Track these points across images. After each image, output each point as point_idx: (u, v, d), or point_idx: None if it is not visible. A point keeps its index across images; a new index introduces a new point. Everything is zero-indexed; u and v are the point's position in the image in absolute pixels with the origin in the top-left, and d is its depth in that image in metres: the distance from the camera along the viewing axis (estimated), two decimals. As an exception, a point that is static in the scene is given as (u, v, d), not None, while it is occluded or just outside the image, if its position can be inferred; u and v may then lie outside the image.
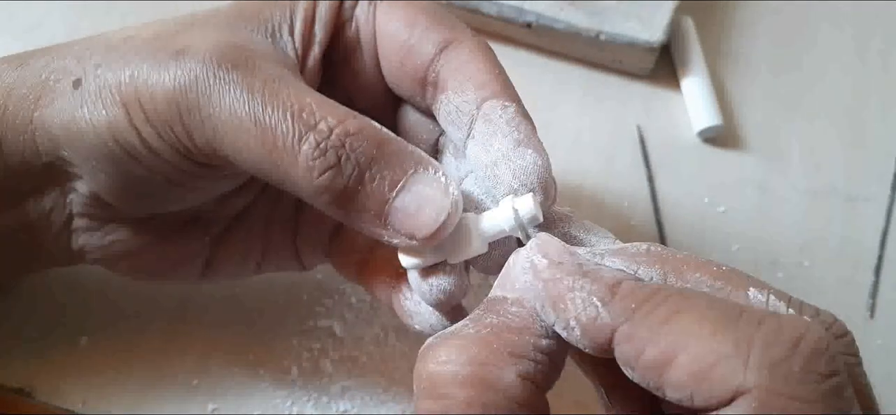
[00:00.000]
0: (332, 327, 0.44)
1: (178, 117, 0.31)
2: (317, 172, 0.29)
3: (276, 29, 0.34)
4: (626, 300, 0.25)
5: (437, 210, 0.29)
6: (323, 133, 0.29)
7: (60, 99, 0.33)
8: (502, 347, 0.25)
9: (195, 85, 0.30)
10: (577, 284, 0.25)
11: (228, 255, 0.39)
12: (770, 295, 0.26)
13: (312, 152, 0.29)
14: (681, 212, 0.49)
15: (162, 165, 0.33)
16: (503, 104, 0.31)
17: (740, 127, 0.52)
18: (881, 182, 0.51)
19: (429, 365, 0.26)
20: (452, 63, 0.33)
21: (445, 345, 0.26)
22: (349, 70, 0.36)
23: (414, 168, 0.30)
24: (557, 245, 0.27)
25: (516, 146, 0.30)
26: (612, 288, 0.25)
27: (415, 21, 0.34)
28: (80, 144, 0.32)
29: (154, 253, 0.37)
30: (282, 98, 0.30)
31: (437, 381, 0.25)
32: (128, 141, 0.32)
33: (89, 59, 0.33)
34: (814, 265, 0.48)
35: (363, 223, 0.30)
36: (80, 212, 0.35)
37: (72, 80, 0.33)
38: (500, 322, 0.26)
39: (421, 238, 0.30)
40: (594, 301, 0.25)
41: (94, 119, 0.32)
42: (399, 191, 0.30)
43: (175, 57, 0.31)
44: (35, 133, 0.33)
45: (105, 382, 0.42)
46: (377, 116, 0.38)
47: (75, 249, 0.37)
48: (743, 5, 0.56)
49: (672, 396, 0.24)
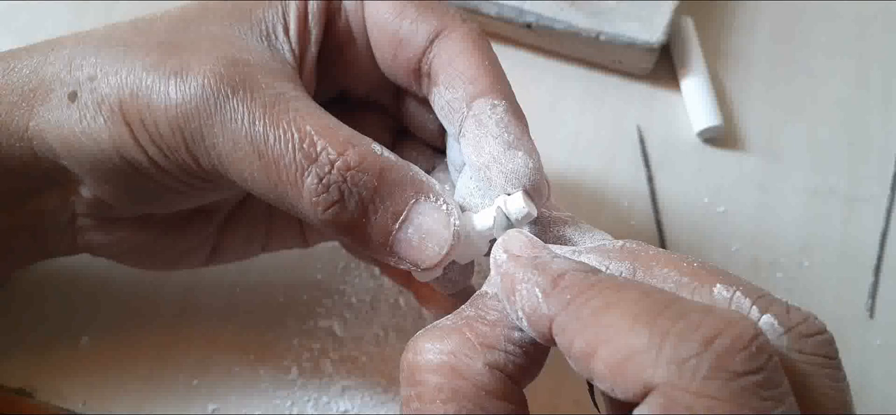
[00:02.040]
0: (332, 327, 0.44)
1: (183, 143, 0.31)
2: (321, 208, 0.30)
3: (271, 31, 0.33)
4: (564, 292, 0.25)
5: (439, 244, 0.30)
6: (324, 167, 0.29)
7: (56, 112, 0.32)
8: (474, 337, 0.27)
9: (197, 113, 0.30)
10: (526, 275, 0.26)
11: (233, 239, 0.39)
12: (737, 292, 0.25)
13: (316, 187, 0.29)
14: (681, 212, 0.49)
15: (169, 179, 0.33)
16: (492, 103, 0.31)
17: (740, 127, 0.52)
18: (881, 182, 0.51)
19: (408, 354, 0.27)
20: (443, 55, 0.33)
21: (425, 337, 0.27)
22: (344, 62, 0.36)
23: (415, 197, 0.30)
24: (521, 240, 0.28)
25: (507, 149, 0.30)
26: (555, 280, 0.25)
27: (403, 11, 0.33)
28: (82, 157, 0.32)
29: (159, 245, 0.38)
30: (283, 126, 0.30)
31: (415, 369, 0.26)
32: (135, 158, 0.32)
33: (81, 69, 0.32)
34: (814, 265, 0.48)
35: (371, 251, 0.31)
36: (83, 212, 0.35)
37: (66, 92, 0.32)
38: (475, 314, 0.28)
39: (424, 268, 0.30)
40: (536, 292, 0.25)
41: (96, 135, 0.32)
42: (401, 222, 0.30)
43: (175, 75, 0.31)
44: (32, 142, 0.33)
45: (105, 382, 0.42)
46: (376, 101, 0.38)
47: (80, 243, 0.37)
48: (743, 5, 0.56)
49: (600, 387, 0.24)
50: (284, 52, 0.33)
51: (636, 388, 0.22)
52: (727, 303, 0.25)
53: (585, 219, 0.32)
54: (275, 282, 0.45)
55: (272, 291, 0.45)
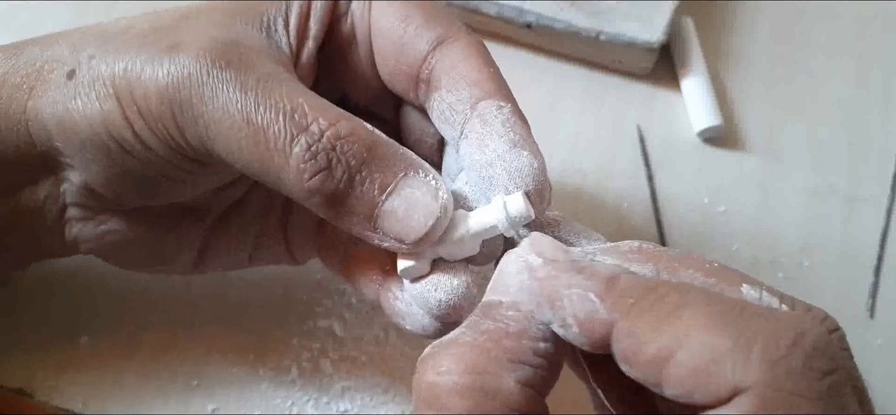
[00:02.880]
0: (332, 327, 0.44)
1: (171, 114, 0.31)
2: (307, 175, 0.29)
3: (270, 23, 0.34)
4: (625, 295, 0.24)
5: (425, 214, 0.29)
6: (314, 135, 0.29)
7: (54, 89, 0.33)
8: (500, 353, 0.25)
9: (188, 82, 0.30)
10: (573, 280, 0.25)
11: (221, 246, 0.39)
12: (763, 291, 0.25)
13: (303, 155, 0.29)
14: (681, 212, 0.49)
15: (155, 159, 0.32)
16: (498, 104, 0.31)
17: (740, 127, 0.52)
18: (881, 182, 0.51)
19: (428, 375, 0.25)
20: (446, 60, 0.33)
21: (444, 354, 0.25)
22: (345, 66, 0.36)
23: (404, 171, 0.30)
24: (551, 243, 0.27)
25: (512, 147, 0.30)
26: (608, 283, 0.25)
27: (409, 18, 0.34)
28: (73, 136, 0.32)
29: (147, 243, 0.37)
30: (275, 98, 0.30)
31: (437, 391, 0.25)
32: (121, 135, 0.32)
33: (83, 50, 0.33)
34: (814, 265, 0.48)
35: (354, 226, 0.31)
36: (73, 202, 0.35)
37: (66, 70, 0.33)
38: (497, 328, 0.26)
39: (409, 242, 0.30)
40: (591, 297, 0.24)
41: (88, 111, 0.32)
42: (388, 194, 0.30)
43: (169, 52, 0.31)
44: (28, 123, 0.33)
45: (105, 382, 0.42)
46: (376, 113, 0.38)
47: (69, 239, 0.36)
48: (743, 5, 0.56)
49: (671, 393, 0.23)
50: (281, 44, 0.34)
51: (723, 390, 0.22)
52: (757, 302, 0.25)
53: (585, 219, 0.32)
54: (275, 282, 0.45)
55: (272, 291, 0.45)
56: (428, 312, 0.32)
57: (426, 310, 0.32)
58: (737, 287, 0.26)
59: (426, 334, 0.33)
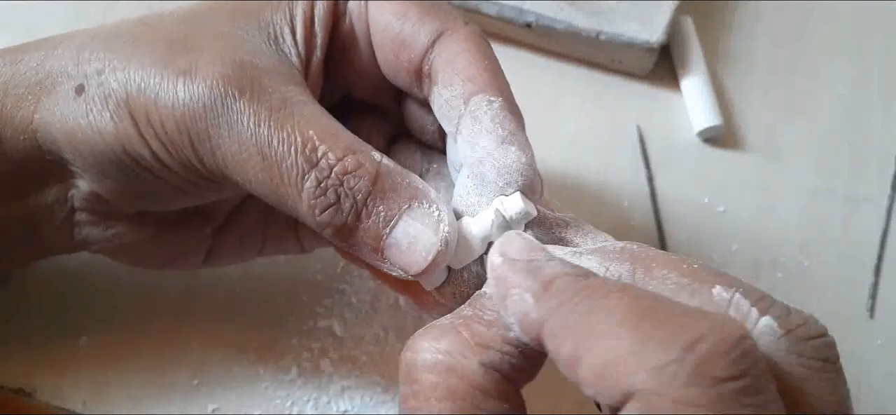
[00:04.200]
0: (332, 327, 0.44)
1: (189, 142, 0.31)
2: (318, 210, 0.30)
3: (278, 34, 0.34)
4: (554, 297, 0.24)
5: (426, 249, 0.30)
6: (324, 171, 0.30)
7: (62, 104, 0.32)
8: (470, 337, 0.26)
9: (205, 114, 0.31)
10: (517, 280, 0.26)
11: (230, 243, 0.40)
12: (736, 294, 0.25)
13: (314, 190, 0.30)
14: (681, 212, 0.49)
15: (171, 176, 0.33)
16: (489, 99, 0.31)
17: (740, 127, 0.52)
18: (881, 182, 0.51)
19: (407, 353, 0.27)
20: (444, 55, 0.33)
21: (423, 335, 0.27)
22: (348, 65, 0.36)
23: (408, 203, 0.30)
24: (519, 243, 0.27)
25: (500, 144, 0.30)
26: (546, 284, 0.25)
27: (406, 13, 0.34)
28: (85, 149, 0.32)
29: (156, 244, 0.38)
30: (287, 130, 0.30)
31: (412, 367, 0.26)
32: (139, 152, 0.32)
33: (89, 63, 0.33)
34: (814, 265, 0.48)
35: (364, 255, 0.31)
36: (81, 206, 0.35)
37: (73, 85, 0.32)
38: (473, 314, 0.28)
39: (413, 274, 0.30)
40: (527, 297, 0.25)
41: (102, 128, 0.32)
42: (392, 227, 0.30)
43: (183, 76, 0.31)
44: (36, 134, 0.33)
45: (105, 382, 0.42)
46: (379, 106, 0.38)
47: (78, 239, 0.37)
48: (743, 5, 0.56)
49: (588, 393, 0.23)
50: (291, 56, 0.34)
51: (617, 394, 0.22)
52: (726, 304, 0.25)
53: (585, 219, 0.32)
54: (275, 282, 0.45)
55: (272, 291, 0.45)
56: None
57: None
58: (709, 288, 0.25)
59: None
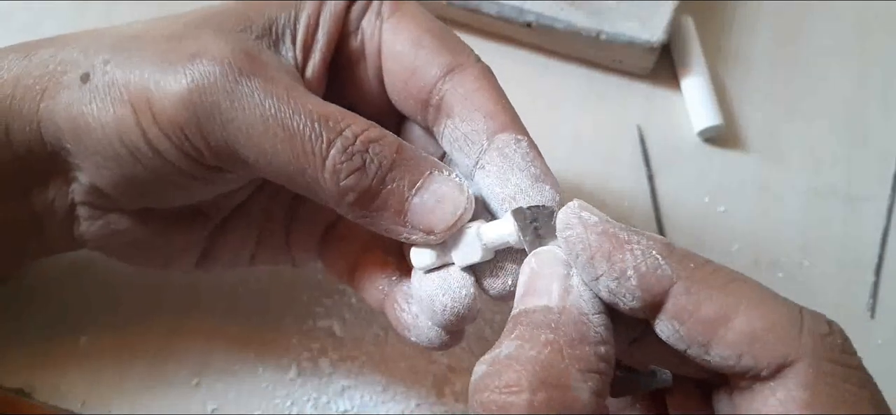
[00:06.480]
0: (332, 327, 0.44)
1: (195, 120, 0.31)
2: (344, 174, 0.31)
3: (279, 35, 0.34)
4: (686, 259, 0.26)
5: (454, 205, 0.31)
6: (348, 139, 0.31)
7: (67, 92, 0.33)
8: (571, 364, 0.25)
9: (215, 87, 0.31)
10: (634, 238, 0.26)
11: (225, 246, 0.40)
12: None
13: (340, 156, 0.31)
14: (681, 212, 0.49)
15: (164, 167, 0.33)
16: (516, 138, 0.32)
17: (740, 127, 0.52)
18: (881, 182, 0.51)
19: (494, 395, 0.24)
20: (459, 90, 0.34)
21: (508, 371, 0.25)
22: (352, 82, 0.37)
23: (430, 171, 0.32)
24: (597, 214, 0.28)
25: (534, 182, 0.31)
26: (667, 246, 0.26)
27: (420, 42, 0.34)
28: (85, 138, 0.33)
29: (153, 243, 0.38)
30: (309, 106, 0.31)
31: (511, 412, 0.24)
32: (132, 142, 0.32)
33: (97, 55, 0.33)
34: (814, 265, 0.48)
35: (383, 221, 0.32)
36: (81, 201, 0.36)
37: (80, 73, 0.33)
38: (557, 338, 0.25)
39: (439, 232, 0.31)
40: (654, 254, 0.26)
41: (102, 116, 0.32)
42: (417, 190, 0.31)
43: (190, 59, 0.31)
44: (41, 124, 0.33)
45: (105, 382, 0.42)
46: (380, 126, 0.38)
47: (76, 236, 0.37)
48: (743, 5, 0.56)
49: (718, 354, 0.25)
50: (288, 58, 0.34)
51: (774, 359, 0.24)
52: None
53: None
54: (275, 282, 0.45)
55: (272, 291, 0.45)
56: (432, 318, 0.33)
57: (431, 314, 0.33)
58: None
59: (431, 346, 0.34)
